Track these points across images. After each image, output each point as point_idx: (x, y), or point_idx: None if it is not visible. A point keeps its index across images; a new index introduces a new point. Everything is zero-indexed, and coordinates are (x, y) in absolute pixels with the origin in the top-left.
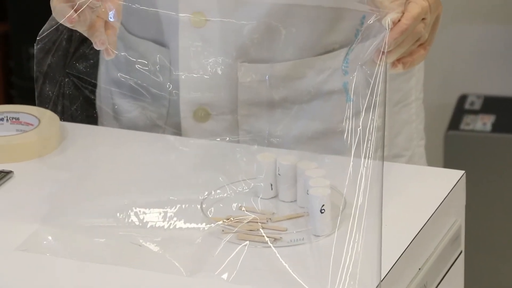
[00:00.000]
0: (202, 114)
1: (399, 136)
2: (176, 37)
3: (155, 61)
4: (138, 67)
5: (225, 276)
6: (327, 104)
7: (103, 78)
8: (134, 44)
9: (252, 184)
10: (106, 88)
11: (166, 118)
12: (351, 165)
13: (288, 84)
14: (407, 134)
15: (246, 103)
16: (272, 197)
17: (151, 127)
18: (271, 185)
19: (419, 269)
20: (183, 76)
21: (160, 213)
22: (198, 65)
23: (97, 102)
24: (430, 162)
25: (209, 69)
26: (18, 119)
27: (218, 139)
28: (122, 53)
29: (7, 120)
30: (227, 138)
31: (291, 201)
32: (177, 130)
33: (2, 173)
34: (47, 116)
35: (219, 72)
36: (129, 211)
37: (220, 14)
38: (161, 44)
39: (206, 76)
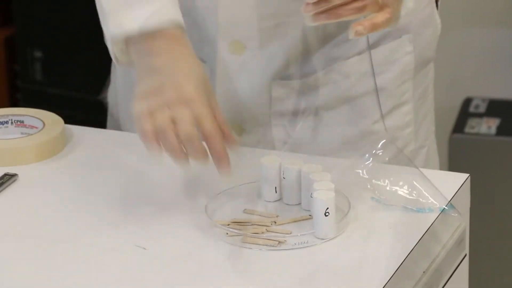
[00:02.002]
0: (236, 129)
1: (421, 129)
2: (214, 61)
3: None
4: None
5: (229, 279)
6: (358, 107)
7: (120, 81)
8: None
9: (257, 188)
10: (126, 92)
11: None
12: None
13: (319, 93)
14: (427, 126)
15: (279, 115)
16: (276, 200)
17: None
18: (276, 188)
19: (424, 272)
20: (218, 94)
21: (164, 217)
22: (234, 87)
23: (111, 106)
24: (435, 165)
25: (244, 89)
26: (22, 122)
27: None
28: None
29: (11, 123)
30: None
31: (296, 204)
32: None
33: (7, 176)
34: (51, 119)
35: (254, 91)
36: (133, 215)
37: (259, 43)
38: (200, 59)
39: (240, 95)
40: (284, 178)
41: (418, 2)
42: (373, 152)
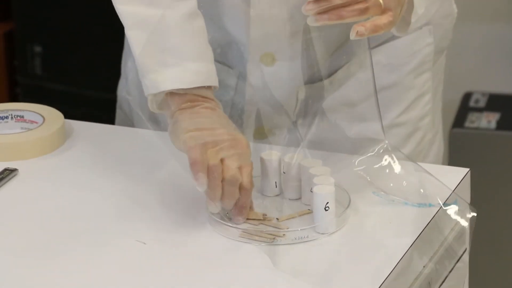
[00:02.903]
0: (262, 133)
1: (436, 116)
2: (244, 69)
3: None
4: None
5: (227, 274)
6: (381, 101)
7: (132, 75)
8: None
9: (257, 182)
10: (139, 86)
11: None
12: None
13: (342, 89)
14: (439, 113)
15: (303, 115)
16: (276, 195)
17: None
18: (276, 183)
19: (424, 266)
20: (246, 106)
21: (164, 212)
22: (263, 95)
23: (120, 100)
24: (441, 153)
25: (272, 97)
26: (22, 117)
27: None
28: None
29: (11, 118)
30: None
31: (296, 199)
32: None
33: (7, 171)
34: (51, 114)
35: (282, 98)
36: (133, 209)
37: (290, 55)
38: (227, 65)
39: (269, 102)
40: (284, 172)
41: (433, 2)
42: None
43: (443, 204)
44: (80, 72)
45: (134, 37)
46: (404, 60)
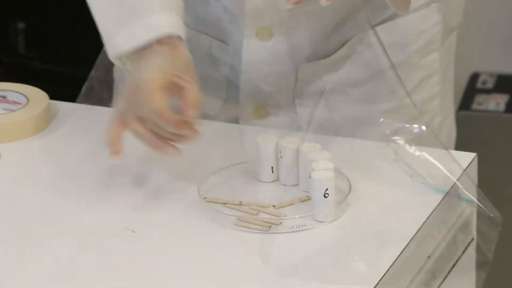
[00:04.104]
0: (262, 113)
1: (445, 98)
2: (240, 45)
3: (211, 54)
4: None
5: (220, 263)
6: (386, 81)
7: None
8: (190, 35)
9: (252, 168)
10: None
11: (221, 110)
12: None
13: (345, 67)
14: (449, 95)
15: (305, 95)
16: (273, 181)
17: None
18: (272, 168)
19: (428, 257)
20: (243, 78)
21: (154, 198)
22: (260, 72)
23: (117, 80)
24: (453, 137)
25: (270, 74)
26: (5, 97)
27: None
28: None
29: None
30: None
31: (293, 185)
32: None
33: None
34: (36, 94)
35: (280, 76)
36: (121, 195)
37: (286, 29)
38: (222, 41)
39: (266, 80)
40: (281, 157)
41: None
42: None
43: (448, 190)
44: (66, 50)
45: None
46: (410, 39)
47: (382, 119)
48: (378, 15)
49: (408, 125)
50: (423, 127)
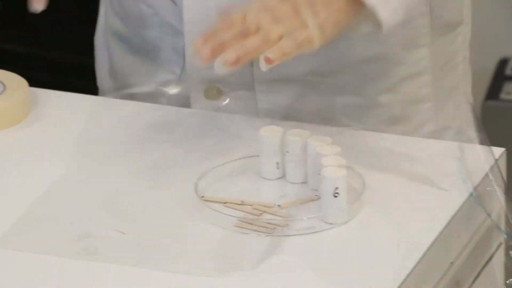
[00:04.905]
0: (215, 92)
1: (447, 105)
2: (181, 2)
3: (165, 20)
4: None
5: (219, 268)
6: (359, 74)
7: (101, 25)
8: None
9: (255, 163)
10: (103, 40)
11: (175, 89)
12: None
13: (312, 54)
14: (455, 101)
15: (264, 78)
16: (278, 178)
17: (153, 95)
18: (277, 164)
19: (451, 263)
20: (189, 47)
21: (146, 196)
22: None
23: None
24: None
25: None
26: None
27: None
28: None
29: None
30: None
31: (301, 183)
32: (185, 103)
33: None
34: (13, 80)
35: None
36: (109, 192)
37: None
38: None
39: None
40: (287, 152)
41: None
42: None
43: (473, 189)
44: (45, 31)
45: None
46: (390, 30)
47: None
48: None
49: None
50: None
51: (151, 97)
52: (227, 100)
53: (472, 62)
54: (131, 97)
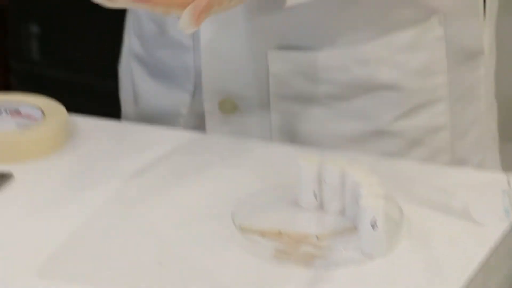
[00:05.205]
0: (229, 106)
1: (466, 138)
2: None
3: (175, 38)
4: None
5: None
6: (375, 100)
7: (125, 49)
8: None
9: (292, 192)
10: (127, 63)
11: (190, 106)
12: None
13: (328, 77)
14: (476, 135)
15: (279, 97)
16: (315, 207)
17: (173, 115)
18: (315, 193)
19: None
20: (205, 62)
21: (181, 225)
22: (222, 46)
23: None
24: (506, 170)
25: (234, 53)
26: (18, 111)
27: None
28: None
29: (6, 112)
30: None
31: (338, 213)
32: (201, 121)
33: (0, 176)
34: (52, 107)
35: (246, 56)
36: (145, 221)
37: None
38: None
39: (232, 59)
40: (325, 181)
41: None
42: None
43: None
44: (84, 57)
45: None
46: (405, 56)
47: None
48: (372, 29)
49: None
50: None
51: (168, 118)
52: (242, 116)
53: (502, 97)
54: (151, 119)
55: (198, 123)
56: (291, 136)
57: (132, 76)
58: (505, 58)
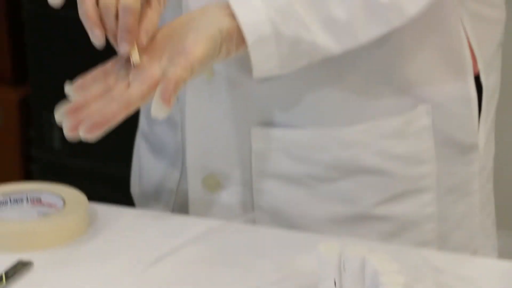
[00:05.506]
0: (212, 183)
1: (456, 232)
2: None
3: (170, 114)
4: None
5: None
6: (358, 184)
7: (138, 132)
8: None
9: (313, 279)
10: (137, 144)
11: (178, 183)
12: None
13: (310, 157)
14: (468, 230)
15: (262, 175)
16: None
17: (167, 192)
18: (335, 281)
19: None
20: (189, 138)
21: None
22: (205, 123)
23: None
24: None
25: (218, 129)
26: (39, 199)
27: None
28: None
29: (27, 201)
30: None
31: None
32: (185, 199)
33: (20, 264)
34: (73, 196)
35: (230, 134)
36: None
37: (229, 68)
38: None
39: (214, 136)
40: (345, 269)
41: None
42: None
43: None
44: (106, 146)
45: None
46: (391, 143)
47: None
48: (355, 114)
49: None
50: None
51: (164, 195)
52: (225, 193)
53: (501, 195)
54: (151, 197)
55: (183, 202)
56: (274, 215)
57: (138, 154)
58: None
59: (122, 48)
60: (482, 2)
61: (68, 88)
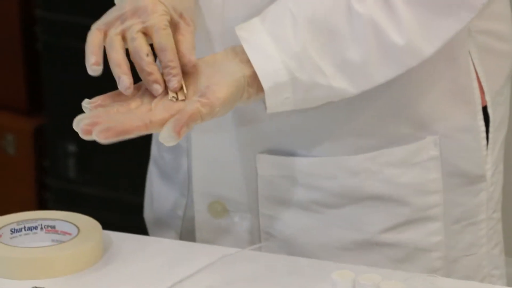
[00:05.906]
0: (218, 209)
1: (462, 261)
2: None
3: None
4: None
5: None
6: (363, 210)
7: (151, 159)
8: None
9: None
10: (150, 170)
11: (185, 209)
12: None
13: (315, 184)
14: (474, 260)
15: (268, 201)
16: None
17: (174, 218)
18: None
19: None
20: (196, 164)
21: None
22: (212, 150)
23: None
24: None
25: (224, 156)
26: (54, 227)
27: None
28: None
29: (41, 228)
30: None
31: None
32: (192, 225)
33: None
34: (87, 224)
35: (235, 161)
36: None
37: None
38: None
39: (220, 165)
40: None
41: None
42: None
43: None
44: (120, 175)
45: None
46: (398, 171)
47: None
48: (362, 144)
49: None
50: None
51: (172, 221)
52: (231, 220)
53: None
54: (161, 223)
55: (191, 226)
56: (281, 242)
57: (150, 180)
58: None
59: (172, 84)
60: (491, 35)
61: (86, 104)
